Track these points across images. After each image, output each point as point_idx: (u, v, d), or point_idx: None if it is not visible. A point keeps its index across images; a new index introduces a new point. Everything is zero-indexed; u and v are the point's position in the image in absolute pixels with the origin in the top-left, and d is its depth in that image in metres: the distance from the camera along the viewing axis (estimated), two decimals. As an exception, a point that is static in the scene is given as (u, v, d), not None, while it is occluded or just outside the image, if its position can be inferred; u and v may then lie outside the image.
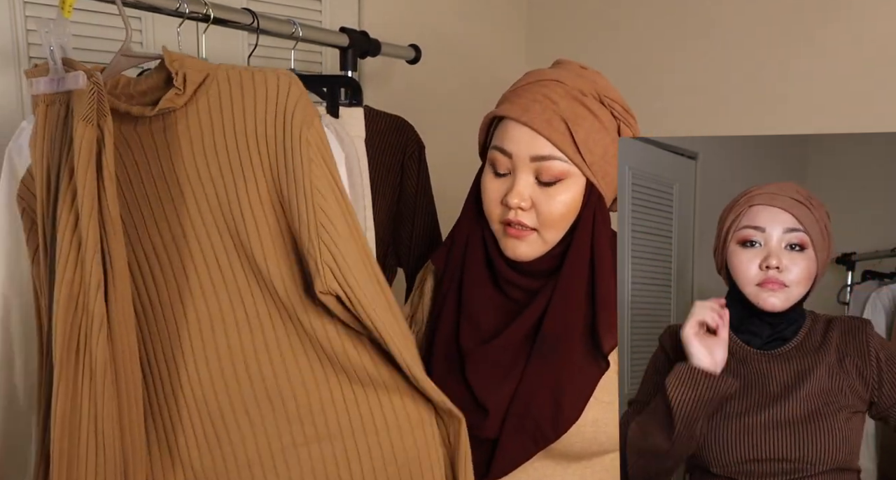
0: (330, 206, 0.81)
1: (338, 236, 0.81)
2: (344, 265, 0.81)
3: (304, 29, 1.28)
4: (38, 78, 0.89)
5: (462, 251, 0.99)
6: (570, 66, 0.97)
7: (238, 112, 0.85)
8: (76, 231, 0.85)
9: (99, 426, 0.86)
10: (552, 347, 0.91)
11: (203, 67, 0.87)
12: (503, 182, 0.93)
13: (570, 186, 0.90)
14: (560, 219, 0.91)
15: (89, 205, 0.85)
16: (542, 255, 0.93)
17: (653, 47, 1.73)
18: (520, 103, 0.92)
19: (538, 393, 0.90)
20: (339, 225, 0.81)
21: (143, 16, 1.40)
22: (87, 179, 0.85)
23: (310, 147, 0.81)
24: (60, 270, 0.85)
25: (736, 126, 1.57)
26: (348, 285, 0.81)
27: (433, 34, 1.80)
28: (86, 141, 0.85)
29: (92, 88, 0.85)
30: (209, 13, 1.09)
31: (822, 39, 1.44)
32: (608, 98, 0.93)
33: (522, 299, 0.95)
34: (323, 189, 0.81)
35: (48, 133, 0.89)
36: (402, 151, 1.33)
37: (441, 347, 0.97)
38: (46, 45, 0.87)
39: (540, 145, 0.89)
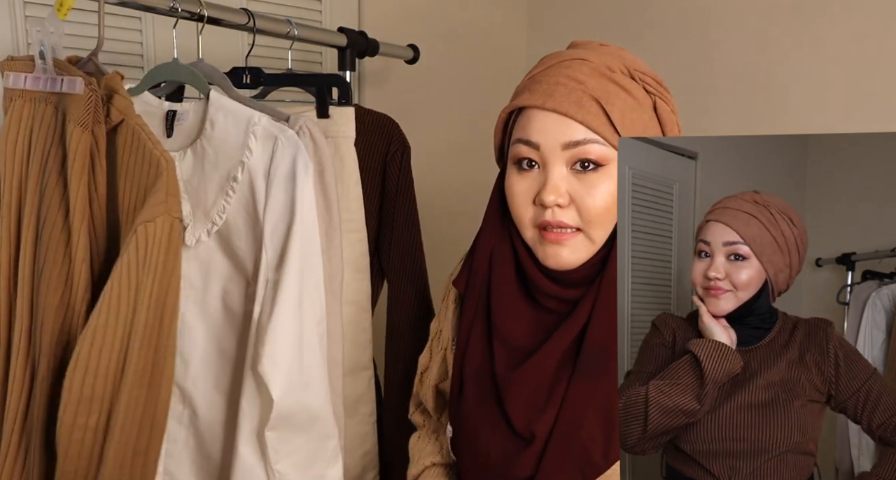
0: (109, 292, 0.84)
1: (95, 316, 0.84)
2: (80, 345, 0.84)
3: (301, 29, 1.28)
4: (19, 73, 0.89)
5: (486, 268, 0.88)
6: (590, 44, 0.88)
7: (130, 166, 0.90)
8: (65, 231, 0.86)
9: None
10: (599, 362, 0.80)
11: (123, 111, 0.91)
12: (532, 179, 0.82)
13: (612, 174, 0.80)
14: (606, 212, 0.80)
15: (82, 208, 0.86)
16: (586, 260, 0.81)
17: (653, 47, 1.72)
18: (540, 90, 0.81)
19: (586, 416, 0.79)
20: (103, 311, 0.84)
21: (143, 16, 1.40)
22: (81, 183, 0.86)
23: (135, 237, 0.84)
24: (48, 269, 0.86)
25: (736, 126, 1.57)
26: (73, 361, 0.84)
27: (432, 34, 1.80)
28: (82, 145, 0.86)
29: (90, 96, 0.87)
30: (203, 13, 1.09)
31: (822, 39, 1.44)
32: (638, 72, 0.84)
33: (561, 310, 0.84)
34: (115, 277, 0.84)
35: (24, 129, 0.89)
36: (384, 152, 1.27)
37: (473, 376, 0.88)
38: (37, 44, 0.87)
39: (572, 130, 0.79)
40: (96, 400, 0.85)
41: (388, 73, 1.79)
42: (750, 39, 1.55)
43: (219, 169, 0.98)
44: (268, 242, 0.97)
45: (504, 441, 0.82)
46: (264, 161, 0.97)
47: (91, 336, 0.83)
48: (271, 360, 0.94)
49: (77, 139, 0.86)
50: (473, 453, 0.87)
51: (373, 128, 1.27)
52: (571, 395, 0.80)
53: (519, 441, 0.81)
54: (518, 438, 0.82)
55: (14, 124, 0.89)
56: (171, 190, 0.87)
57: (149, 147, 0.89)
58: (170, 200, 0.87)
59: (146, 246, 0.85)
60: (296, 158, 0.97)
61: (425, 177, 1.41)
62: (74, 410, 0.84)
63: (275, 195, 0.97)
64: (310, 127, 1.05)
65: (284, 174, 0.97)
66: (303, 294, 0.96)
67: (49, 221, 0.86)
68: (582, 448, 0.79)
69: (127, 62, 1.40)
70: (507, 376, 0.83)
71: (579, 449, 0.79)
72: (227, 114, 0.99)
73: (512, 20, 2.03)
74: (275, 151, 0.97)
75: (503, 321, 0.86)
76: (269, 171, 0.97)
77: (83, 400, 0.84)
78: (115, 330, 0.84)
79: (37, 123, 0.89)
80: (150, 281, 0.86)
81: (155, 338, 0.88)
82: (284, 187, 0.97)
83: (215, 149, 0.99)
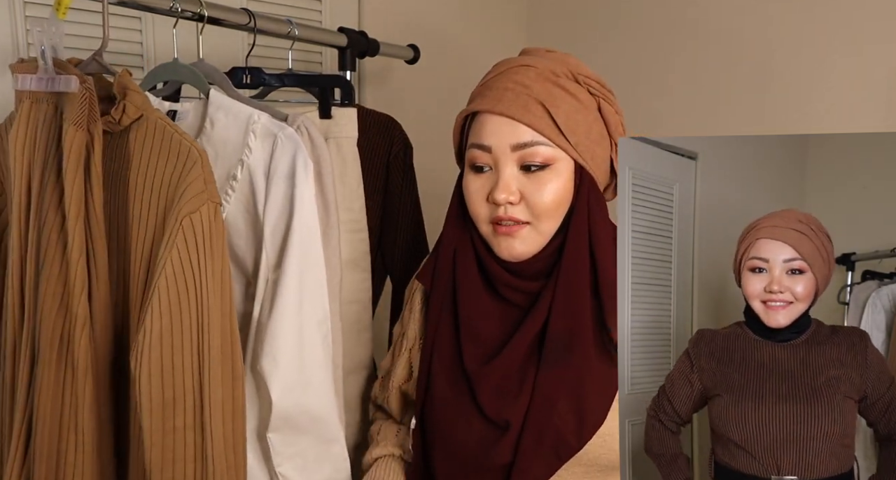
0: (166, 291, 0.85)
1: (157, 321, 0.85)
2: (145, 354, 0.84)
3: (301, 29, 1.28)
4: (26, 74, 0.89)
5: (451, 263, 0.93)
6: (537, 51, 0.94)
7: (153, 161, 0.90)
8: (62, 231, 0.86)
9: (80, 424, 0.88)
10: (562, 348, 0.85)
11: (141, 106, 0.90)
12: (486, 179, 0.87)
13: (559, 171, 0.85)
14: (554, 207, 0.86)
15: (76, 208, 0.86)
16: (539, 252, 0.87)
17: (653, 48, 1.72)
18: (491, 95, 0.88)
19: (557, 402, 0.84)
20: (166, 312, 0.85)
21: (143, 16, 1.40)
22: (76, 182, 0.86)
23: (182, 231, 0.85)
24: (46, 270, 0.86)
25: (736, 126, 1.57)
26: (140, 373, 0.84)
27: (432, 34, 1.80)
28: (76, 144, 0.86)
29: (84, 93, 0.87)
30: (203, 13, 1.09)
31: (822, 39, 1.44)
32: (582, 75, 0.89)
33: (524, 303, 0.89)
34: (171, 273, 0.85)
35: (31, 130, 0.90)
36: (387, 152, 1.28)
37: (443, 371, 0.91)
38: (38, 45, 0.87)
39: (520, 133, 0.84)
40: (179, 400, 0.86)
41: (389, 73, 1.79)
42: (749, 40, 1.55)
43: (218, 168, 0.98)
44: (268, 241, 0.96)
45: (480, 432, 0.85)
46: (264, 159, 0.97)
47: (158, 339, 0.84)
48: (270, 359, 0.94)
49: (71, 138, 0.86)
50: (448, 445, 0.90)
51: (375, 128, 1.27)
52: (541, 383, 0.85)
53: (495, 430, 0.85)
54: (493, 427, 0.86)
55: (22, 126, 0.90)
56: (208, 177, 0.87)
57: (177, 138, 0.88)
58: (209, 188, 0.87)
59: (194, 237, 0.85)
60: (296, 156, 0.96)
61: (425, 177, 1.40)
62: (161, 415, 0.85)
63: (275, 193, 0.96)
64: (307, 126, 1.05)
65: (284, 172, 0.96)
66: (303, 293, 0.96)
67: (48, 222, 0.86)
68: (555, 431, 0.84)
69: (127, 62, 1.40)
70: (478, 370, 0.87)
71: (553, 433, 0.84)
72: (227, 112, 0.99)
73: (511, 20, 2.03)
74: (274, 149, 0.96)
75: (470, 317, 0.90)
76: (269, 169, 0.97)
77: (166, 404, 0.85)
78: (184, 325, 0.85)
79: (40, 124, 0.90)
80: (209, 268, 0.87)
81: (227, 320, 0.89)
82: (284, 185, 0.96)
83: (215, 147, 0.99)
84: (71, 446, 0.88)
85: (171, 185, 0.88)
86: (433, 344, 0.93)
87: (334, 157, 1.16)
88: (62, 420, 0.88)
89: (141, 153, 0.90)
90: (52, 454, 0.87)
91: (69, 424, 0.88)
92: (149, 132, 0.90)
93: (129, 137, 0.90)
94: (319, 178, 1.04)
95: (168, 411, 0.85)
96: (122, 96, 0.89)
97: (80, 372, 0.87)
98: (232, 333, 0.90)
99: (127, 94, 0.89)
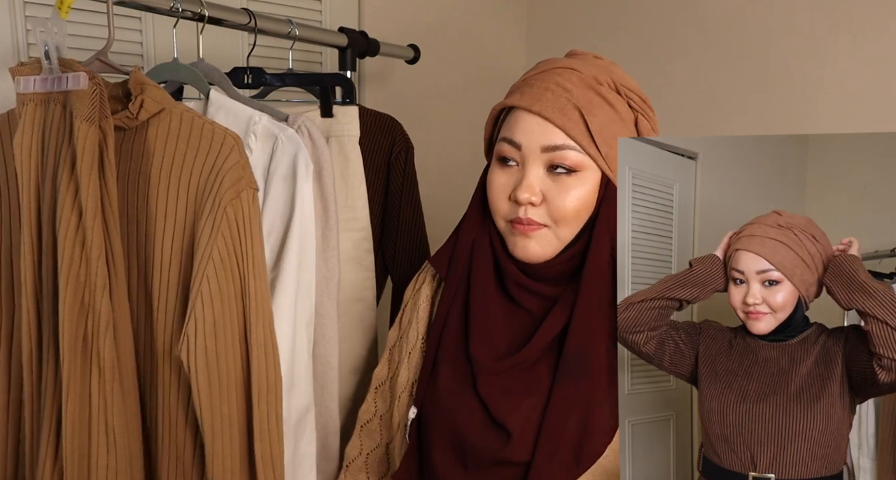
0: (215, 278, 0.86)
1: (209, 308, 0.86)
2: (198, 342, 0.86)
3: (302, 29, 1.28)
4: (29, 76, 0.89)
5: (468, 254, 0.92)
6: (585, 56, 0.92)
7: (180, 152, 0.90)
8: (79, 230, 0.85)
9: (109, 423, 0.88)
10: (578, 368, 0.83)
11: (162, 100, 0.90)
12: (511, 175, 0.86)
13: (585, 179, 0.84)
14: (574, 214, 0.84)
15: (93, 205, 0.85)
16: (555, 257, 0.86)
17: (653, 47, 1.73)
18: (530, 92, 0.86)
19: (568, 420, 0.83)
20: (217, 299, 0.87)
21: (143, 16, 1.40)
22: (91, 180, 0.85)
23: (225, 218, 0.86)
24: (65, 270, 0.85)
25: (736, 126, 1.57)
26: (195, 362, 0.86)
27: (432, 34, 1.80)
28: (89, 141, 0.85)
29: (94, 89, 0.86)
30: (204, 13, 1.09)
31: (821, 39, 1.44)
32: (625, 87, 0.88)
33: (536, 308, 0.87)
34: (218, 260, 0.86)
35: (37, 133, 0.89)
36: (388, 151, 1.28)
37: (448, 360, 0.90)
38: (42, 45, 0.87)
39: (552, 135, 0.83)
40: (228, 388, 0.88)
41: (389, 73, 1.79)
42: (749, 40, 1.55)
43: (219, 168, 0.98)
44: (266, 241, 0.96)
45: (480, 427, 0.85)
46: (263, 159, 0.97)
47: (212, 327, 0.86)
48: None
49: (84, 135, 0.85)
50: (447, 432, 0.89)
51: (376, 128, 1.28)
52: (556, 396, 0.84)
53: (496, 429, 0.85)
54: (494, 425, 0.85)
55: (28, 129, 0.89)
56: (245, 163, 0.88)
57: (208, 126, 0.89)
58: (247, 173, 0.88)
59: (237, 224, 0.87)
60: (296, 157, 0.96)
61: (426, 177, 1.40)
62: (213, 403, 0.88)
63: (273, 194, 0.96)
64: (308, 126, 1.05)
65: (283, 173, 0.96)
66: (298, 294, 0.96)
67: (63, 222, 0.86)
68: (566, 447, 0.83)
69: (127, 62, 1.39)
70: (485, 365, 0.87)
71: (565, 448, 0.83)
72: (227, 113, 0.99)
73: (511, 20, 2.03)
74: (275, 150, 0.97)
75: (480, 312, 0.89)
76: (269, 170, 0.97)
77: (219, 392, 0.87)
78: (232, 311, 0.87)
79: (48, 125, 0.89)
80: (250, 253, 0.88)
81: (267, 304, 0.91)
82: (283, 186, 0.96)
83: (215, 147, 0.99)
84: (102, 447, 0.87)
85: (203, 173, 0.88)
86: (443, 330, 0.92)
87: (336, 156, 1.17)
88: (91, 422, 0.87)
89: (165, 146, 0.89)
90: (84, 456, 0.87)
91: (98, 425, 0.87)
92: (173, 124, 0.90)
93: (148, 133, 0.90)
94: (319, 179, 1.04)
95: (217, 400, 0.87)
96: (139, 91, 0.88)
97: (106, 372, 0.86)
98: (270, 317, 0.91)
99: (145, 89, 0.89)
